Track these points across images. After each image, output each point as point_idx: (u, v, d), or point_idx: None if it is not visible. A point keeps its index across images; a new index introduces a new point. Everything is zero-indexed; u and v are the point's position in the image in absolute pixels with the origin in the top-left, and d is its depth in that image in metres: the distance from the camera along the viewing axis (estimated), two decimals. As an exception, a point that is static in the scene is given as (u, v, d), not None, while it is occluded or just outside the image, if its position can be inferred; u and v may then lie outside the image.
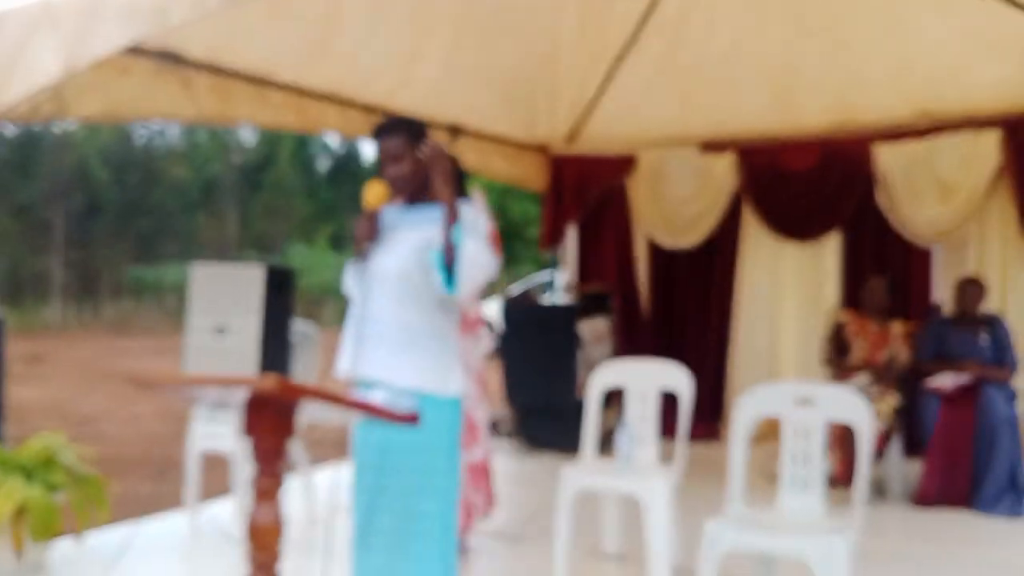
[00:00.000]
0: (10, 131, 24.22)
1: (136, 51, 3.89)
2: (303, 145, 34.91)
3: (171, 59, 4.13)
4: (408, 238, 2.63)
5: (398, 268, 2.59)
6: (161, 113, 4.37)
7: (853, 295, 5.80)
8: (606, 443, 4.14)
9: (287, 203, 31.79)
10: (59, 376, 13.00)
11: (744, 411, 3.20)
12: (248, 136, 33.67)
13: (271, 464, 2.23)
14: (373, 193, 2.64)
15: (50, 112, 3.58)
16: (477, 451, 4.02)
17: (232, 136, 32.13)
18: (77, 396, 10.82)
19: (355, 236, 2.66)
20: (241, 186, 31.90)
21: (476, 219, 2.59)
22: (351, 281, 2.73)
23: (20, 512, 3.30)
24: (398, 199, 2.71)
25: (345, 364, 2.66)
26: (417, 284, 2.58)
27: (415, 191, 2.68)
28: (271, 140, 32.80)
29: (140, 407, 9.86)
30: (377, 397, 2.38)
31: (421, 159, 2.65)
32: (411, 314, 2.59)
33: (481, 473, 4.03)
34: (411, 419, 2.36)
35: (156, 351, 16.86)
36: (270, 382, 2.00)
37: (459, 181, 4.06)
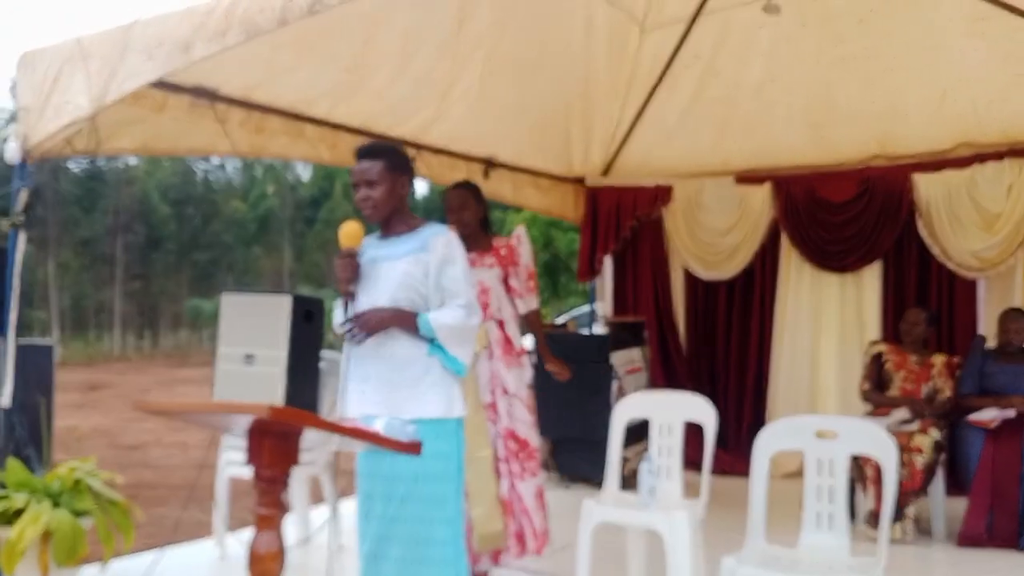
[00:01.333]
0: (75, 167, 25.15)
1: (171, 87, 4.02)
2: (357, 179, 35.56)
3: (205, 95, 4.26)
4: (391, 273, 2.66)
5: (387, 305, 2.64)
6: (195, 148, 4.50)
7: (895, 328, 5.66)
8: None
9: (341, 236, 32.36)
10: (114, 404, 13.32)
11: (765, 445, 3.14)
12: (303, 171, 34.41)
13: (272, 492, 2.25)
14: (348, 233, 2.67)
15: (84, 146, 3.70)
16: (541, 476, 4.08)
17: (288, 171, 32.87)
18: (130, 424, 11.06)
19: (337, 278, 2.69)
20: (296, 220, 32.61)
21: (448, 247, 2.65)
22: (341, 323, 2.76)
23: (46, 536, 3.37)
24: (371, 223, 2.76)
25: (350, 406, 2.68)
26: None
27: (387, 217, 2.72)
28: (326, 175, 33.48)
29: (188, 435, 10.03)
30: (378, 426, 2.38)
31: (398, 189, 2.69)
32: (406, 347, 2.64)
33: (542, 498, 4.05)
34: (413, 448, 2.37)
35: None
36: (263, 410, 2.03)
37: (484, 214, 4.10)
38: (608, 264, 7.11)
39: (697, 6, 5.45)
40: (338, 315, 2.79)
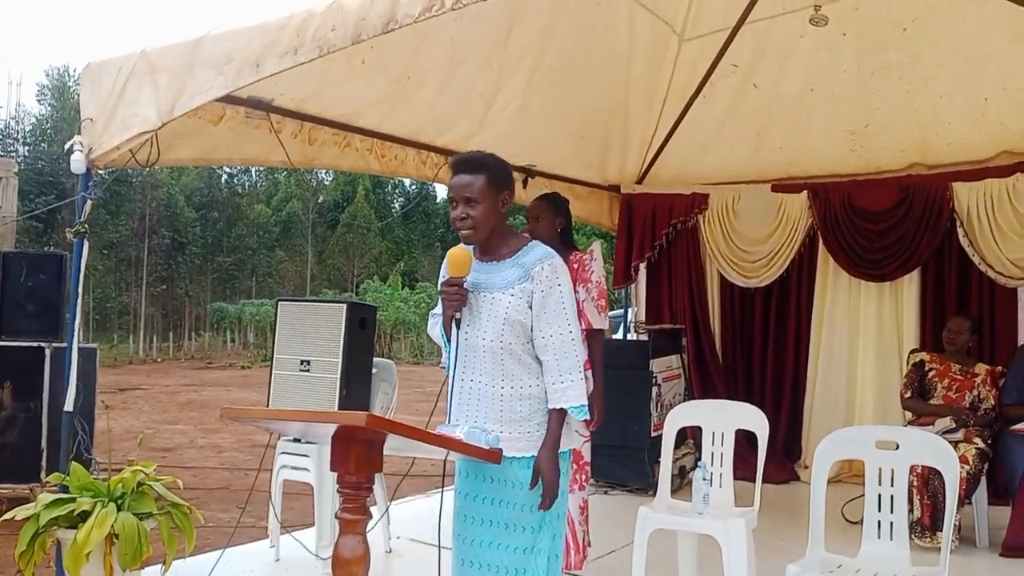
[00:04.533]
0: (101, 171, 25.27)
1: (228, 99, 4.08)
2: (378, 184, 35.72)
3: (261, 106, 4.33)
4: (496, 307, 2.50)
5: (494, 341, 2.51)
6: (249, 158, 4.57)
7: (935, 337, 5.66)
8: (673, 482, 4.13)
9: (362, 240, 32.48)
10: (144, 406, 13.45)
11: (825, 455, 3.17)
12: (325, 175, 34.57)
13: (357, 497, 2.31)
14: (456, 261, 2.48)
15: (145, 158, 3.78)
16: (588, 490, 4.17)
17: (311, 176, 33.04)
18: (161, 426, 11.16)
19: (443, 303, 2.55)
20: (318, 224, 32.78)
21: (553, 276, 2.48)
22: (439, 337, 2.68)
23: (110, 539, 3.44)
24: (468, 243, 2.54)
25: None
26: (515, 351, 2.52)
27: (486, 239, 2.52)
28: (348, 180, 33.63)
29: (220, 437, 10.13)
30: (459, 433, 2.43)
31: (499, 207, 2.49)
32: (507, 383, 2.54)
33: (586, 511, 4.12)
34: (493, 456, 2.41)
35: (241, 383, 17.32)
36: (360, 418, 2.08)
37: (564, 226, 4.15)
38: (641, 270, 7.14)
39: (739, 17, 5.46)
40: (434, 327, 2.72)
